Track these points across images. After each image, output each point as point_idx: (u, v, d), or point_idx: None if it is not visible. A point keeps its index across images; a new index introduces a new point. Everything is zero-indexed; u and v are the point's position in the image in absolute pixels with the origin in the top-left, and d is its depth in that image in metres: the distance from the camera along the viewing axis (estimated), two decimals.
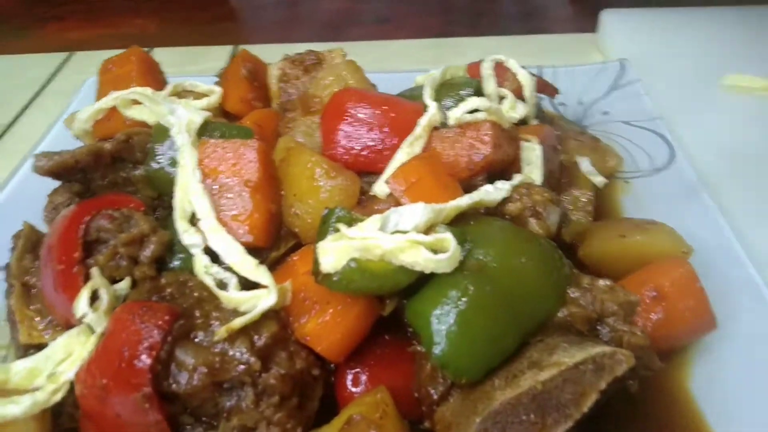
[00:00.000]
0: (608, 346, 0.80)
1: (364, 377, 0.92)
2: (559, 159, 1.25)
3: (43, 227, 1.18)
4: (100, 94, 1.24)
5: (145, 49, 2.22)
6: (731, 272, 1.11)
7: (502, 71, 1.30)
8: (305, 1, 2.59)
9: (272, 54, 2.19)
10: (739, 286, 1.08)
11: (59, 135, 1.56)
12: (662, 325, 0.95)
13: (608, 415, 0.88)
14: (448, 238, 0.80)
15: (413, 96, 1.24)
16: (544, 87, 1.36)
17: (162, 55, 2.21)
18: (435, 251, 0.81)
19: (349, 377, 0.92)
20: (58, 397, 0.86)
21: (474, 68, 1.33)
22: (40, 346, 0.99)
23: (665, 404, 0.96)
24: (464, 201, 0.89)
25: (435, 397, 0.83)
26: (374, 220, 0.85)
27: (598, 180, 1.26)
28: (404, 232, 0.84)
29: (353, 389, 0.92)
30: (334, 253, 0.82)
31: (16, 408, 0.82)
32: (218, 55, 2.17)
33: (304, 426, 0.85)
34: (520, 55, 2.10)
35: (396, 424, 0.84)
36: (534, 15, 2.42)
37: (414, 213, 0.86)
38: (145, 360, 0.78)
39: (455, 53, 2.11)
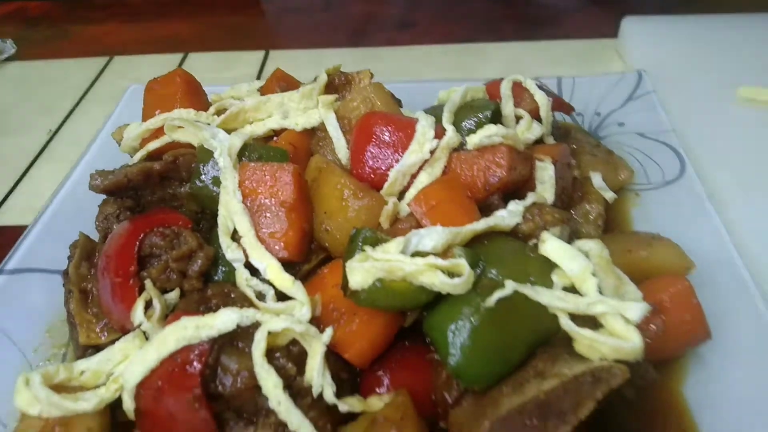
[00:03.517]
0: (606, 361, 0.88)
1: (386, 380, 1.02)
2: (573, 175, 1.33)
3: (93, 233, 1.30)
4: (146, 112, 1.35)
5: (181, 54, 2.36)
6: (731, 285, 1.18)
7: (519, 90, 1.37)
8: (332, 5, 2.66)
9: (301, 59, 2.30)
10: (737, 299, 1.16)
11: (104, 144, 1.67)
12: (660, 337, 1.03)
13: (607, 417, 0.97)
14: (462, 264, 0.89)
15: (435, 115, 1.32)
16: (560, 105, 1.43)
17: (197, 60, 2.34)
18: (451, 274, 0.90)
19: (373, 380, 1.03)
20: (117, 394, 0.98)
21: (492, 87, 1.41)
22: (97, 346, 1.11)
23: (660, 408, 1.05)
24: (480, 225, 0.99)
25: (450, 401, 0.94)
26: (397, 242, 0.95)
27: (609, 195, 1.33)
28: (424, 254, 0.94)
29: (377, 390, 1.02)
30: (361, 272, 0.92)
31: (86, 404, 0.94)
32: (251, 60, 2.28)
33: (333, 423, 0.96)
34: (542, 61, 2.19)
35: (415, 424, 0.94)
36: (556, 19, 2.47)
37: (433, 235, 0.95)
38: (196, 366, 0.89)
39: (478, 60, 2.18)
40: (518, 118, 1.31)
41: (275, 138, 1.30)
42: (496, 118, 1.27)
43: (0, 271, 1.32)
